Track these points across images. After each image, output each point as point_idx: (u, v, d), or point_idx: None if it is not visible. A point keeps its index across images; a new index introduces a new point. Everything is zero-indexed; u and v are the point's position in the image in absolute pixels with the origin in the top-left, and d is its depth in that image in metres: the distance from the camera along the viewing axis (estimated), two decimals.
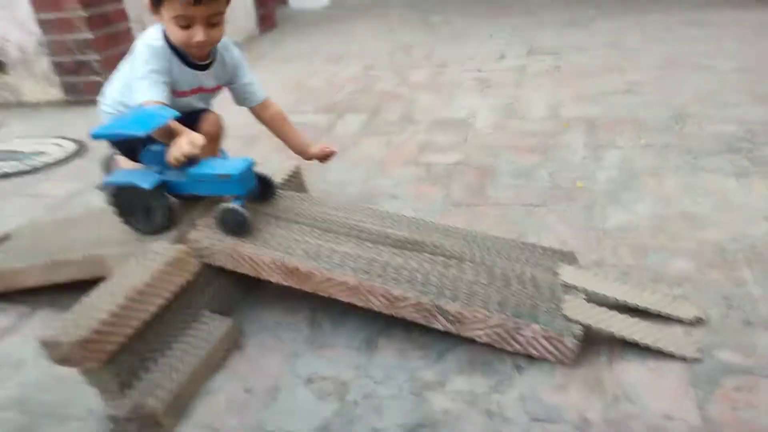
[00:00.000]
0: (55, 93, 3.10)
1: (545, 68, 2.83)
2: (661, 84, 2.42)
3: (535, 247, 1.27)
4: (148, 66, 1.29)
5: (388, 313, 1.08)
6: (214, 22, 1.29)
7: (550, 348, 1.00)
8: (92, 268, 1.22)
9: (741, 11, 3.41)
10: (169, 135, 1.18)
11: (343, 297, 1.09)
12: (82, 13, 2.82)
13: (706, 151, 1.77)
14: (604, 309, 1.06)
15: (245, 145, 2.09)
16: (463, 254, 1.19)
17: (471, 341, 1.07)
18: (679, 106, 2.15)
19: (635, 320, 1.05)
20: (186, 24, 1.26)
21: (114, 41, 3.01)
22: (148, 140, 1.18)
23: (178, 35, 1.28)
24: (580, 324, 1.02)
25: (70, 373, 0.98)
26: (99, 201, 1.88)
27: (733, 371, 0.97)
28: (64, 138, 2.56)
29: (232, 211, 1.16)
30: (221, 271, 1.20)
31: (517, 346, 1.02)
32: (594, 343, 1.05)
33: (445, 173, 1.81)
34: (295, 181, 1.52)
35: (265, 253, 1.11)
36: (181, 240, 1.17)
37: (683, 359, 0.99)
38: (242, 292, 1.29)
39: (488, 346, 1.06)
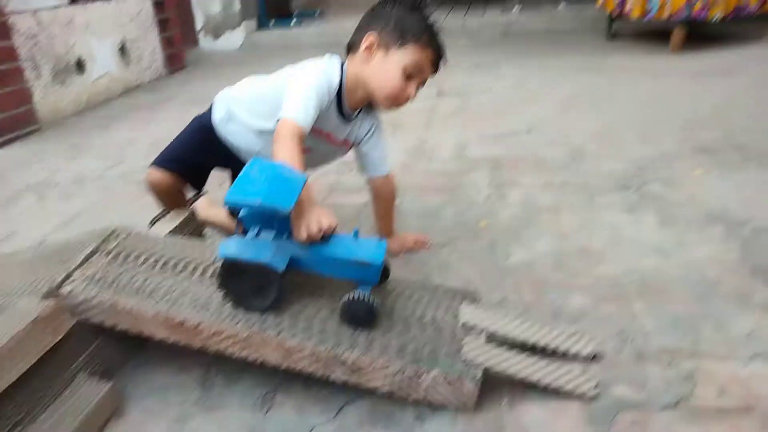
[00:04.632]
0: None
1: (453, 109, 2.90)
2: (560, 124, 2.53)
3: (437, 288, 1.25)
4: (313, 101, 1.19)
5: (285, 367, 1.02)
6: (424, 82, 1.27)
7: (451, 394, 0.97)
8: None
9: (629, 58, 3.68)
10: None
11: (235, 351, 1.02)
12: None
13: (601, 188, 1.85)
14: (503, 349, 1.05)
15: None
16: None
17: (372, 392, 1.03)
18: (576, 145, 2.26)
19: (534, 359, 1.04)
20: (410, 75, 1.22)
21: (2, 81, 2.82)
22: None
23: (394, 84, 1.22)
24: (480, 366, 1.00)
25: None
26: None
27: (627, 406, 0.97)
28: None
29: (364, 303, 1.01)
30: (101, 329, 1.09)
31: (418, 395, 0.99)
32: (497, 386, 1.04)
33: (353, 215, 1.79)
34: (191, 226, 1.44)
35: (148, 307, 1.02)
36: (52, 294, 1.06)
37: (582, 397, 0.99)
38: (128, 352, 1.18)
39: (390, 397, 1.02)
